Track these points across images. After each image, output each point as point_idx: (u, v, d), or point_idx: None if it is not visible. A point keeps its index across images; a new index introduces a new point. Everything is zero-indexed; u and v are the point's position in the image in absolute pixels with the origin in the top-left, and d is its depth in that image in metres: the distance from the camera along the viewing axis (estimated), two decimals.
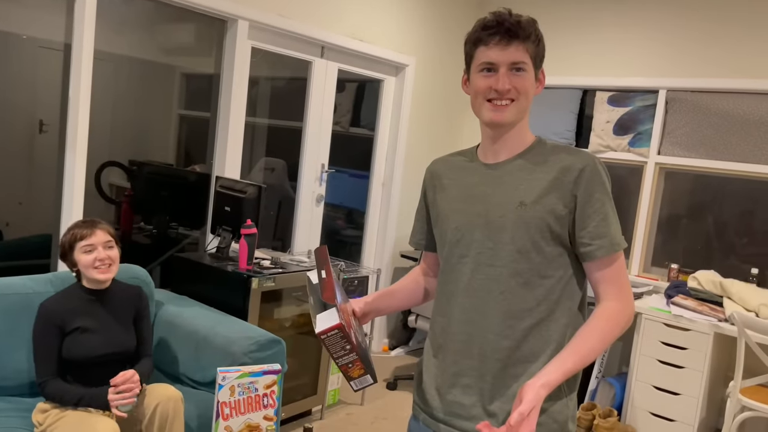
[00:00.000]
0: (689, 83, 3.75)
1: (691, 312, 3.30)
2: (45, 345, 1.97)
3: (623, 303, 1.23)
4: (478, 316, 1.26)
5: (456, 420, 1.29)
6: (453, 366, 1.29)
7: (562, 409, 1.26)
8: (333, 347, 1.16)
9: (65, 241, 2.03)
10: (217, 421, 1.85)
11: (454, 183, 1.35)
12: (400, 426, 3.23)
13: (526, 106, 1.25)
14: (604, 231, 1.22)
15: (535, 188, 1.23)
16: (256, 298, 2.72)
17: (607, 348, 3.71)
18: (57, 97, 2.86)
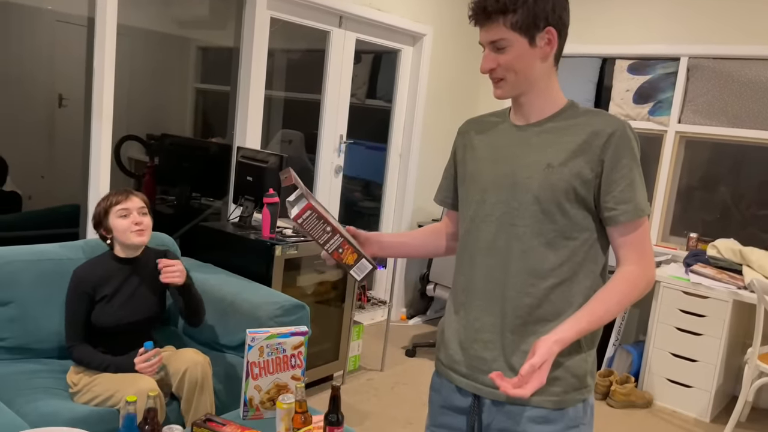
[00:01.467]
0: (711, 50, 3.70)
1: (710, 280, 3.31)
2: (75, 311, 2.04)
3: (644, 268, 1.24)
4: (500, 274, 1.29)
5: (478, 374, 1.32)
6: (475, 322, 1.33)
7: (580, 364, 1.28)
8: (314, 231, 1.18)
9: (100, 209, 2.08)
10: (246, 380, 1.91)
11: (484, 143, 1.36)
12: (420, 391, 3.30)
13: (524, 78, 1.25)
14: (629, 196, 1.22)
15: (563, 151, 1.24)
16: (279, 266, 2.77)
17: (624, 312, 3.73)
18: (76, 71, 2.89)
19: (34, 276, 2.22)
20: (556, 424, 1.27)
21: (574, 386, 1.28)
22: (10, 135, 2.79)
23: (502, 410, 1.30)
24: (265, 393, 1.94)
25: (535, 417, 1.27)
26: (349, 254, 1.21)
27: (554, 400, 1.26)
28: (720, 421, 3.29)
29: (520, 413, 1.28)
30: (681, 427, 3.21)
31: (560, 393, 1.27)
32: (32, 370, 2.12)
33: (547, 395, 1.26)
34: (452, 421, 1.40)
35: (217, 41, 3.58)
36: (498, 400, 1.30)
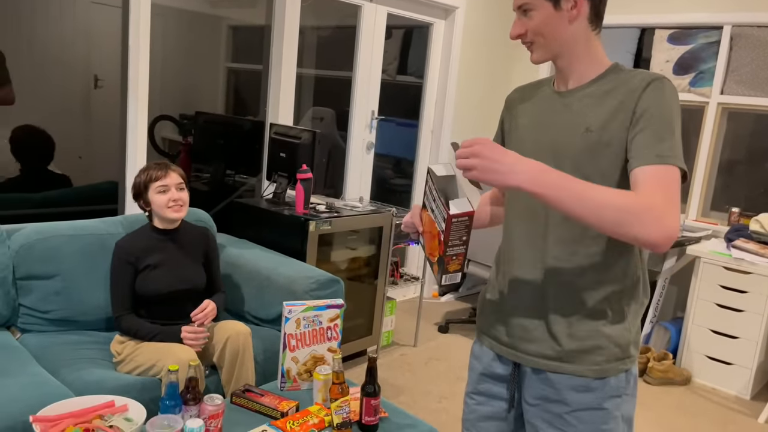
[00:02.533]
0: (756, 18, 3.55)
1: (752, 255, 3.22)
2: (120, 281, 2.09)
3: (658, 204, 1.09)
4: (539, 242, 1.28)
5: (519, 343, 1.32)
6: (516, 290, 1.32)
7: (623, 333, 1.26)
8: (456, 233, 1.17)
9: (140, 182, 2.12)
10: (284, 352, 1.94)
11: (527, 111, 1.35)
12: (454, 366, 3.30)
13: (554, 42, 1.23)
14: (650, 143, 1.14)
15: (602, 114, 1.21)
16: (314, 241, 2.79)
17: (662, 286, 3.65)
18: (111, 52, 2.92)
19: (76, 250, 2.27)
20: (597, 392, 1.25)
21: (617, 356, 1.26)
22: (49, 116, 2.85)
23: (543, 378, 1.29)
24: (302, 365, 1.96)
25: (576, 385, 1.26)
26: (456, 263, 1.22)
27: (596, 369, 1.25)
28: (761, 398, 3.23)
29: (561, 381, 1.27)
30: (720, 404, 3.16)
31: (602, 362, 1.25)
32: (77, 341, 2.19)
33: (589, 364, 1.25)
34: (492, 388, 1.40)
35: (248, 19, 3.58)
36: (538, 368, 1.29)
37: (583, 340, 1.25)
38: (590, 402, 1.25)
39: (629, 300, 1.27)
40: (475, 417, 1.45)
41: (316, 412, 1.78)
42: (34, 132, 2.84)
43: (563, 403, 1.27)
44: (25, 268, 2.19)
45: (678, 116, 1.18)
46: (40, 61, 2.78)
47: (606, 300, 1.25)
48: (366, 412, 1.75)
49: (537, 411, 1.31)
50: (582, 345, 1.25)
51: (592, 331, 1.25)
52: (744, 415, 3.06)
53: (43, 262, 2.21)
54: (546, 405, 1.29)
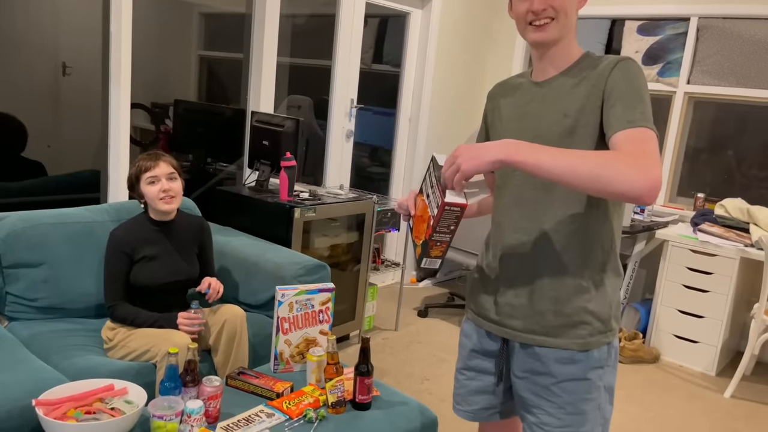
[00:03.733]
0: (721, 10, 3.69)
1: (717, 238, 3.37)
2: (115, 270, 2.09)
3: (636, 157, 1.13)
4: (528, 224, 1.35)
5: (507, 319, 1.40)
6: (506, 271, 1.39)
7: (605, 308, 1.35)
8: (445, 221, 1.24)
9: (132, 174, 2.12)
10: (277, 335, 1.98)
11: (508, 103, 1.43)
12: (434, 348, 3.39)
13: (567, 22, 1.29)
14: (621, 113, 1.21)
15: (578, 99, 1.29)
16: (299, 228, 2.82)
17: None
18: (81, 39, 2.88)
19: (63, 238, 2.27)
20: (581, 364, 1.33)
21: (600, 329, 1.34)
22: (15, 104, 2.79)
23: (530, 352, 1.37)
24: (295, 347, 2.01)
25: (561, 358, 1.34)
26: (438, 250, 1.29)
27: (580, 342, 1.33)
28: (725, 374, 3.40)
29: (547, 355, 1.35)
30: (687, 380, 3.32)
31: (586, 336, 1.33)
32: (66, 329, 2.19)
33: (573, 338, 1.33)
34: (481, 363, 1.48)
35: (220, 7, 3.55)
36: (526, 343, 1.37)
37: (568, 315, 1.33)
38: (575, 373, 1.33)
39: (609, 276, 1.36)
40: (466, 391, 1.53)
41: (311, 392, 1.83)
42: (5, 119, 2.80)
43: (549, 375, 1.35)
44: (11, 257, 2.18)
45: (645, 88, 1.25)
46: (4, 49, 2.73)
47: (589, 277, 1.33)
48: (359, 390, 1.81)
49: (525, 383, 1.39)
50: (567, 320, 1.33)
51: (577, 307, 1.33)
52: (710, 390, 3.22)
53: (29, 250, 2.20)
54: (533, 377, 1.37)
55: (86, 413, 1.55)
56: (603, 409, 1.38)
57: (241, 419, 1.69)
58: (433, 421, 1.88)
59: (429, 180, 1.34)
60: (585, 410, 1.34)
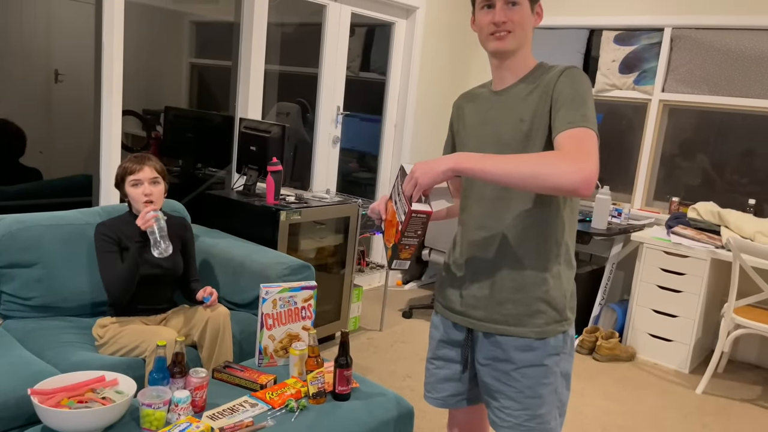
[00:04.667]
0: (693, 20, 3.84)
1: (689, 240, 3.50)
2: (107, 254, 2.19)
3: (571, 153, 1.25)
4: (489, 221, 1.47)
5: (471, 310, 1.51)
6: (470, 265, 1.51)
7: (560, 299, 1.46)
8: (413, 227, 1.35)
9: (117, 174, 2.23)
10: (261, 331, 2.08)
11: (472, 111, 1.56)
12: (417, 348, 3.49)
13: (523, 35, 1.43)
14: (564, 115, 1.33)
15: (531, 105, 1.42)
16: (284, 230, 2.93)
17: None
18: (72, 46, 2.96)
19: (56, 239, 2.36)
20: (538, 351, 1.45)
21: (555, 318, 1.46)
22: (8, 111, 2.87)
23: (492, 341, 1.48)
24: (278, 342, 2.11)
25: (520, 345, 1.45)
26: (407, 252, 1.40)
27: (537, 331, 1.45)
28: (698, 372, 3.52)
29: (507, 342, 1.46)
30: (662, 378, 3.43)
31: (542, 324, 1.45)
32: (58, 326, 2.28)
33: (531, 326, 1.45)
34: (449, 353, 1.60)
35: (212, 15, 3.66)
36: (488, 332, 1.49)
37: (525, 305, 1.44)
38: (533, 359, 1.45)
39: (564, 268, 1.47)
40: (435, 380, 1.64)
41: (293, 384, 1.93)
42: (5, 125, 2.88)
43: (510, 361, 1.46)
44: (6, 257, 2.27)
45: (588, 93, 1.37)
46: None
47: (544, 269, 1.44)
48: (339, 382, 1.91)
49: (488, 370, 1.50)
50: (525, 309, 1.44)
51: (533, 297, 1.44)
52: (682, 387, 3.34)
53: (24, 250, 2.29)
54: (495, 364, 1.49)
55: (79, 402, 1.64)
56: (560, 393, 1.49)
57: (225, 408, 1.78)
58: (410, 411, 1.98)
59: (397, 188, 1.45)
60: (542, 394, 1.45)
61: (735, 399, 3.25)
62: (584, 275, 3.89)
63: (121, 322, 2.20)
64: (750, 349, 3.77)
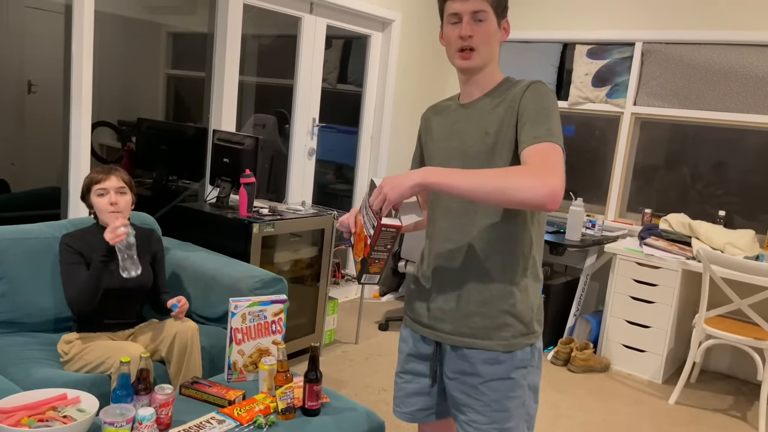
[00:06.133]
0: (663, 35, 3.91)
1: (661, 251, 3.54)
2: (71, 266, 2.15)
3: (536, 168, 1.26)
4: (456, 234, 1.47)
5: (438, 323, 1.51)
6: (437, 278, 1.51)
7: (527, 312, 1.46)
8: (382, 241, 1.34)
9: (84, 184, 2.20)
10: (230, 345, 2.05)
11: (439, 124, 1.56)
12: (392, 360, 3.47)
13: (489, 52, 1.44)
14: (530, 130, 1.34)
15: (497, 119, 1.43)
16: (257, 243, 2.90)
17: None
18: (45, 57, 2.93)
19: (22, 253, 2.31)
20: (505, 364, 1.44)
21: (522, 332, 1.45)
22: None
23: (460, 354, 1.48)
24: (248, 357, 2.08)
25: (487, 359, 1.45)
26: (377, 267, 1.39)
27: (504, 344, 1.44)
28: (671, 382, 3.55)
29: (475, 356, 1.46)
30: (635, 388, 3.46)
31: (509, 338, 1.45)
32: (23, 342, 2.23)
33: (498, 340, 1.44)
34: (417, 366, 1.59)
35: (188, 27, 3.64)
36: (456, 346, 1.48)
37: (492, 318, 1.44)
38: (500, 373, 1.44)
39: (530, 281, 1.47)
40: (404, 394, 1.63)
41: (262, 399, 1.91)
42: None
43: (477, 375, 1.46)
44: None
45: (554, 108, 1.38)
46: None
47: (511, 282, 1.45)
48: (309, 397, 1.89)
49: (456, 384, 1.50)
50: (492, 322, 1.44)
51: (500, 309, 1.44)
52: (655, 397, 3.37)
53: None
54: (463, 378, 1.48)
55: (39, 421, 1.60)
56: (527, 407, 1.49)
57: (192, 425, 1.75)
58: (380, 425, 1.97)
59: (366, 202, 1.44)
60: (509, 407, 1.45)
61: (707, 409, 3.28)
62: (559, 286, 3.91)
63: (86, 338, 2.16)
64: (721, 358, 3.81)
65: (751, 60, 3.66)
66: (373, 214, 1.36)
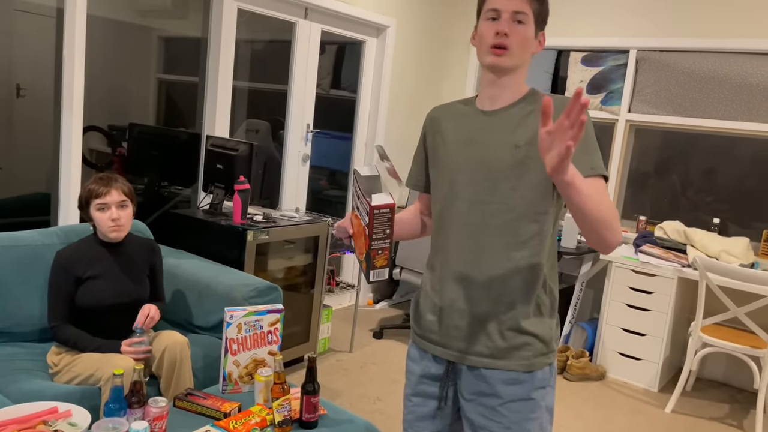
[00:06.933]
0: (657, 43, 3.92)
1: (657, 259, 3.54)
2: (59, 290, 2.09)
3: (616, 213, 1.25)
4: (474, 248, 1.39)
5: (453, 342, 1.42)
6: (451, 293, 1.42)
7: (547, 330, 1.41)
8: (379, 225, 1.25)
9: (82, 196, 2.13)
10: (225, 356, 2.01)
11: (453, 128, 1.47)
12: (388, 369, 3.44)
13: (522, 56, 1.36)
14: (581, 157, 1.29)
15: (528, 132, 1.35)
16: (251, 251, 2.86)
17: (581, 290, 3.95)
18: (35, 61, 2.88)
19: (11, 261, 2.26)
20: (525, 385, 1.38)
21: (542, 351, 1.40)
22: None
23: (477, 374, 1.40)
24: (243, 368, 2.04)
25: (507, 379, 1.38)
26: (382, 258, 1.30)
27: (524, 364, 1.38)
28: (667, 390, 3.53)
29: (494, 376, 1.38)
30: (632, 396, 3.44)
31: (530, 357, 1.38)
32: (12, 353, 2.17)
33: (518, 359, 1.38)
34: (428, 389, 1.50)
35: (180, 31, 3.61)
36: (472, 366, 1.40)
37: (514, 337, 1.37)
38: (520, 394, 1.38)
39: (550, 300, 1.41)
40: (413, 417, 1.54)
41: (258, 411, 1.86)
42: None
43: (496, 396, 1.39)
44: None
45: (593, 132, 1.35)
46: None
47: (533, 301, 1.38)
48: (306, 409, 1.85)
49: (473, 405, 1.42)
50: (513, 342, 1.37)
51: (521, 329, 1.37)
52: (652, 406, 3.35)
53: None
54: (481, 399, 1.41)
55: None
56: (544, 429, 1.42)
57: None
58: None
59: (355, 192, 1.37)
60: (529, 429, 1.39)
61: (704, 417, 3.27)
62: None
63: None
64: (717, 366, 3.81)
65: (745, 68, 3.67)
66: (366, 200, 1.28)
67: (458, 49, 4.75)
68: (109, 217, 2.10)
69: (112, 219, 2.10)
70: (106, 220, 2.10)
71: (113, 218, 2.11)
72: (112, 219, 2.10)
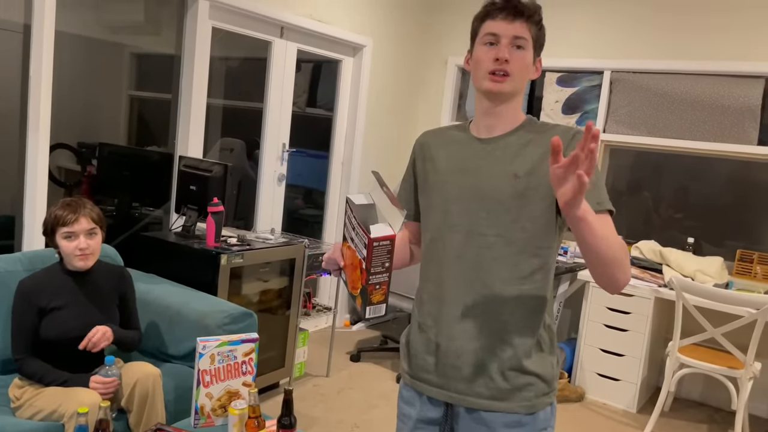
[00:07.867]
0: (631, 64, 3.97)
1: (634, 279, 3.54)
2: (22, 322, 1.99)
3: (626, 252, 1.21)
4: (472, 283, 1.31)
5: (451, 382, 1.34)
6: (448, 330, 1.34)
7: (549, 369, 1.35)
8: (378, 258, 1.17)
9: (47, 222, 2.02)
10: (198, 388, 1.93)
11: (446, 155, 1.39)
12: (365, 394, 3.37)
13: (521, 83, 1.32)
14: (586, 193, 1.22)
15: (528, 161, 1.30)
16: (225, 275, 2.78)
17: (558, 311, 3.95)
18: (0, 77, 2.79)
19: None
20: (527, 427, 1.31)
21: (544, 390, 1.33)
22: None
23: (476, 417, 1.33)
24: (217, 400, 1.96)
25: (508, 422, 1.31)
26: (380, 294, 1.21)
27: (527, 405, 1.31)
28: (646, 411, 3.53)
29: (494, 419, 1.31)
30: (610, 418, 3.42)
31: (532, 398, 1.32)
32: None
33: (520, 401, 1.31)
34: None
35: (152, 48, 3.54)
36: (472, 408, 1.33)
37: (515, 378, 1.31)
38: None
39: (549, 336, 1.35)
40: None
41: None
42: None
43: None
44: None
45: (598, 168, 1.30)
46: None
47: (534, 338, 1.32)
48: None
49: None
50: (515, 383, 1.31)
51: (524, 368, 1.31)
52: (631, 427, 3.33)
53: None
54: None
55: None
56: None
57: None
58: None
59: (349, 222, 1.28)
60: None
61: None
62: None
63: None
64: (694, 386, 3.82)
65: (716, 90, 3.73)
66: (363, 231, 1.19)
67: (434, 68, 4.75)
68: (76, 246, 2.00)
69: (80, 249, 2.01)
70: (74, 249, 2.00)
71: (81, 248, 2.01)
72: (80, 249, 2.01)
